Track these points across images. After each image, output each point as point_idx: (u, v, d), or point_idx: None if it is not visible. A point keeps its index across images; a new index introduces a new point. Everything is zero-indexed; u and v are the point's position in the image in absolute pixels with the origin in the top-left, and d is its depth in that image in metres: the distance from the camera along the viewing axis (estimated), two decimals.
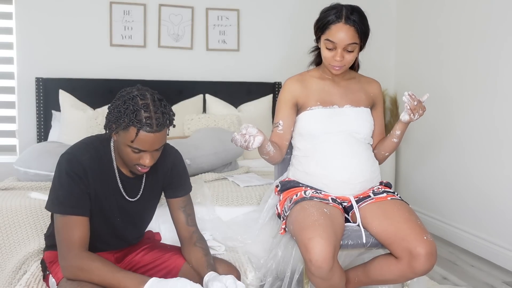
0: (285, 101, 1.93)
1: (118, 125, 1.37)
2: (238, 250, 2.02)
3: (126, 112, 1.35)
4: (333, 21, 1.76)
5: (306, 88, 1.93)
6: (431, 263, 1.60)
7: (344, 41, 1.76)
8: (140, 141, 1.36)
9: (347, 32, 1.75)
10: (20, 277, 1.86)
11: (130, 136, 1.36)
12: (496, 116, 2.89)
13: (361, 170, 1.83)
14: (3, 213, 2.03)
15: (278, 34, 3.87)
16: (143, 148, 1.37)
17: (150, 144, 1.37)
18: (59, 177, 1.44)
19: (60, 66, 3.48)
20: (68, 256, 1.39)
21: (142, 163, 1.42)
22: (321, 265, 1.53)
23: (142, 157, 1.41)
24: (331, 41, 1.77)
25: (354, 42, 1.77)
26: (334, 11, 1.77)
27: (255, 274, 1.86)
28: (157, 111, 1.36)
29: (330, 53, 1.80)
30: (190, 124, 3.35)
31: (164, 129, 1.38)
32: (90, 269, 1.36)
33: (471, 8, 3.10)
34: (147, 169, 1.45)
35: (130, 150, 1.39)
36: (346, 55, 1.79)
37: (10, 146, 3.53)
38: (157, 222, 2.05)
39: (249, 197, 2.27)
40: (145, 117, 1.34)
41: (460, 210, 3.22)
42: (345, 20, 1.75)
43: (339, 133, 1.85)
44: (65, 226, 1.41)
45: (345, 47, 1.77)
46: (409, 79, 3.87)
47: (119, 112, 1.36)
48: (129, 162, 1.44)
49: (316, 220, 1.62)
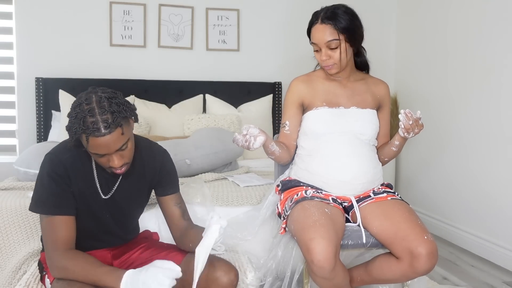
0: (291, 101, 1.95)
1: (72, 134, 1.35)
2: (238, 250, 2.02)
3: (75, 120, 1.32)
4: (312, 23, 1.85)
5: (312, 89, 1.94)
6: (432, 263, 1.60)
7: (322, 40, 1.81)
8: (94, 147, 1.33)
9: (323, 31, 1.80)
10: (20, 277, 1.86)
11: (84, 144, 1.35)
12: (497, 116, 2.88)
13: (363, 171, 1.83)
14: (3, 213, 2.03)
15: (278, 34, 3.88)
16: (100, 152, 1.34)
17: (106, 147, 1.33)
18: (41, 178, 1.45)
19: (60, 66, 3.48)
20: (53, 256, 1.40)
21: (111, 165, 1.39)
22: (323, 265, 1.53)
23: (109, 159, 1.38)
24: (314, 43, 1.85)
25: (334, 39, 1.79)
26: (316, 13, 1.85)
27: (255, 274, 1.86)
28: (104, 112, 1.31)
29: (318, 55, 1.86)
30: (190, 124, 3.35)
31: (116, 129, 1.33)
32: (73, 267, 1.37)
33: (471, 8, 3.10)
34: (123, 169, 1.42)
35: (95, 156, 1.38)
36: (331, 53, 1.82)
37: (10, 146, 3.53)
38: (156, 222, 2.05)
39: (249, 197, 2.27)
40: (91, 122, 1.30)
41: (460, 210, 3.22)
42: (321, 21, 1.81)
43: (344, 134, 1.85)
44: (49, 227, 1.42)
45: (327, 45, 1.81)
46: (409, 79, 3.87)
47: (70, 121, 1.34)
48: (101, 165, 1.43)
49: (317, 220, 1.62)
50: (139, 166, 1.57)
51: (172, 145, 2.61)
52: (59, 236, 1.41)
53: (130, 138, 1.40)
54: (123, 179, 1.56)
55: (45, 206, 1.43)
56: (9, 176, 2.77)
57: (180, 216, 1.62)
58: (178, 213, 1.62)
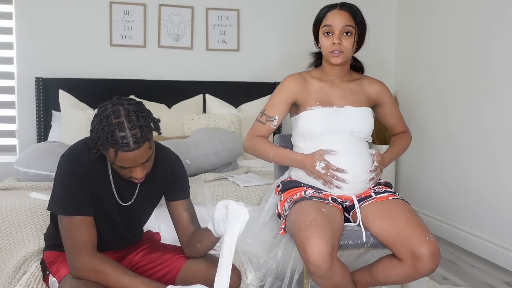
0: (284, 98, 1.93)
1: (98, 146, 1.35)
2: (238, 250, 2.02)
3: (102, 133, 1.32)
4: (328, 10, 1.87)
5: (306, 88, 1.93)
6: (435, 263, 1.59)
7: (340, 23, 1.82)
8: (122, 161, 1.34)
9: (343, 15, 1.83)
10: (20, 277, 1.86)
11: (111, 157, 1.35)
12: (497, 116, 2.88)
13: (362, 169, 1.83)
14: (3, 213, 2.03)
15: (278, 34, 3.88)
16: (126, 165, 1.36)
17: (133, 161, 1.35)
18: (61, 178, 1.43)
19: (60, 66, 3.48)
20: (78, 256, 1.38)
21: (134, 176, 1.41)
22: (319, 264, 1.53)
23: (131, 171, 1.39)
24: (328, 25, 1.84)
25: (350, 25, 1.83)
26: (330, 5, 1.89)
27: (255, 274, 1.86)
28: (133, 127, 1.31)
29: (328, 40, 1.84)
30: (190, 124, 3.35)
31: (144, 144, 1.34)
32: (105, 271, 1.36)
33: (471, 8, 3.10)
34: (142, 179, 1.44)
35: (118, 167, 1.39)
36: (343, 39, 1.83)
37: (10, 146, 3.52)
38: (157, 222, 2.05)
39: (249, 197, 2.27)
40: (120, 137, 1.30)
41: (460, 210, 3.22)
42: (340, 7, 1.86)
43: (340, 132, 1.85)
44: (71, 227, 1.41)
45: (342, 30, 1.82)
46: (409, 79, 3.87)
47: (97, 134, 1.34)
48: (122, 175, 1.43)
49: (313, 219, 1.62)
50: (152, 172, 1.55)
51: (172, 145, 2.60)
52: (83, 236, 1.40)
53: (153, 150, 1.42)
54: (141, 187, 1.57)
55: (67, 207, 1.41)
56: (9, 176, 2.76)
57: (189, 221, 1.60)
58: (187, 219, 1.60)
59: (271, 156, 1.91)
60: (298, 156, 1.85)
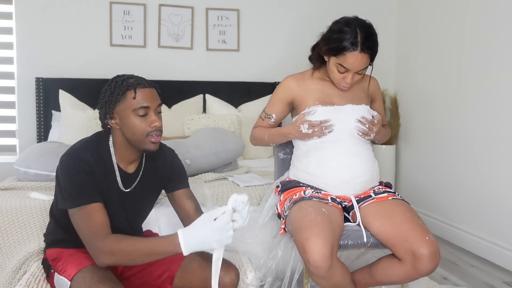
0: (281, 97, 1.97)
1: (115, 100, 1.45)
2: (238, 250, 2.02)
3: (116, 86, 1.46)
4: (348, 48, 1.73)
5: (305, 88, 1.93)
6: (435, 263, 1.59)
7: (358, 68, 1.77)
8: (143, 97, 1.46)
9: (362, 60, 1.75)
10: (20, 277, 1.86)
11: (131, 98, 1.45)
12: (497, 116, 2.88)
13: (362, 170, 1.83)
14: (3, 213, 2.03)
15: (278, 34, 3.87)
16: (146, 103, 1.46)
17: (151, 98, 1.47)
18: (67, 175, 1.45)
19: (60, 66, 3.48)
20: (95, 244, 1.39)
21: (153, 127, 1.46)
22: (319, 265, 1.53)
23: (150, 120, 1.46)
24: (345, 67, 1.78)
25: (366, 66, 1.80)
26: (349, 36, 1.73)
27: (255, 274, 1.86)
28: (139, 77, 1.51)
29: (341, 75, 1.81)
30: (190, 124, 3.35)
31: (153, 87, 1.50)
32: (120, 249, 1.36)
33: (471, 7, 3.10)
34: (160, 135, 1.49)
35: (137, 118, 1.46)
36: (356, 76, 1.81)
37: (10, 146, 3.53)
38: (157, 222, 2.05)
39: (249, 197, 2.26)
40: (133, 80, 1.48)
41: (460, 210, 3.22)
42: (361, 49, 1.73)
43: (341, 132, 1.85)
44: (84, 217, 1.42)
45: (357, 71, 1.79)
46: (409, 79, 3.87)
47: (110, 92, 1.46)
48: (140, 134, 1.47)
49: (313, 219, 1.62)
50: (151, 164, 1.62)
51: (172, 145, 2.59)
52: (97, 222, 1.41)
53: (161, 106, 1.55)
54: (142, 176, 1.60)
55: (79, 198, 1.43)
56: (9, 176, 2.76)
57: (194, 209, 1.62)
58: (192, 207, 1.62)
59: (266, 138, 1.98)
60: (286, 129, 1.91)
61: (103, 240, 1.38)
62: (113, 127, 1.51)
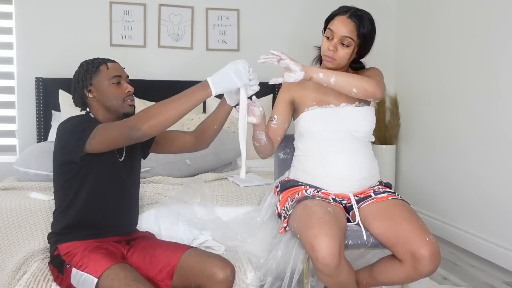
0: (282, 98, 2.00)
1: (90, 74, 1.65)
2: (238, 250, 2.02)
3: (87, 66, 1.68)
4: (338, 13, 1.85)
5: (303, 88, 1.96)
6: (435, 264, 1.59)
7: (341, 31, 1.81)
8: (114, 69, 1.68)
9: (347, 25, 1.81)
10: (20, 277, 1.85)
11: (106, 72, 1.66)
12: (497, 116, 2.89)
13: (359, 167, 1.83)
14: (3, 213, 2.03)
15: (278, 34, 3.87)
16: (118, 73, 1.68)
17: (120, 69, 1.71)
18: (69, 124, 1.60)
19: (60, 66, 3.48)
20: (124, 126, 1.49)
21: (127, 92, 1.67)
22: (328, 262, 1.53)
23: (124, 86, 1.68)
24: (330, 30, 1.84)
25: (350, 37, 1.81)
26: (345, 7, 1.86)
27: (255, 274, 1.85)
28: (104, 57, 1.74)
29: (327, 43, 1.85)
30: (190, 124, 3.35)
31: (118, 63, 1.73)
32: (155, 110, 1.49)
33: (471, 7, 3.10)
34: (133, 99, 1.70)
35: (112, 86, 1.66)
36: (340, 48, 1.83)
37: (10, 146, 3.53)
38: (157, 222, 2.05)
39: (249, 197, 2.27)
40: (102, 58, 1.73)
41: (460, 210, 3.22)
42: (349, 15, 1.82)
43: (338, 131, 1.86)
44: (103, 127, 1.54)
45: (341, 39, 1.81)
46: (409, 79, 3.87)
47: (84, 70, 1.67)
48: (117, 99, 1.66)
49: (321, 217, 1.62)
50: None
51: None
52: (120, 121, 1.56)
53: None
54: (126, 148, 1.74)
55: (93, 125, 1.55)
56: (9, 176, 2.76)
57: (180, 131, 1.84)
58: (176, 132, 1.84)
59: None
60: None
61: (136, 116, 1.49)
62: (92, 101, 1.67)
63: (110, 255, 1.56)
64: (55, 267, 1.65)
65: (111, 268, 1.49)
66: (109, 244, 1.65)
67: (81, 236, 1.63)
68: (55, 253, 1.65)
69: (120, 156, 1.71)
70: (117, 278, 1.45)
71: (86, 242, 1.62)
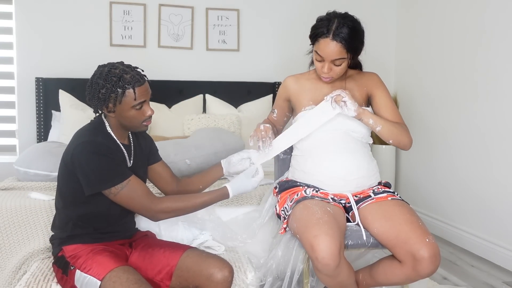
0: (280, 95, 2.05)
1: (115, 99, 1.54)
2: (238, 250, 2.02)
3: (113, 85, 1.54)
4: (322, 34, 1.75)
5: (301, 87, 1.97)
6: (435, 265, 1.59)
7: (330, 56, 1.76)
8: (141, 94, 1.57)
9: (334, 48, 1.74)
10: (20, 277, 1.86)
11: (131, 97, 1.55)
12: (496, 116, 2.89)
13: (357, 166, 1.83)
14: (3, 213, 2.03)
15: (278, 34, 3.87)
16: (144, 98, 1.58)
17: (147, 92, 1.60)
18: (93, 161, 1.51)
19: (60, 66, 3.48)
20: (154, 207, 1.56)
21: (147, 116, 1.61)
22: (327, 262, 1.53)
23: (144, 110, 1.60)
24: (319, 54, 1.79)
25: (341, 57, 1.77)
26: (325, 23, 1.76)
27: (255, 274, 1.86)
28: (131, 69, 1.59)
29: (319, 64, 1.83)
30: (190, 124, 3.35)
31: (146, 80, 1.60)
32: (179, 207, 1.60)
33: (471, 8, 3.10)
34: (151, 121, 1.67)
35: (134, 111, 1.58)
36: (334, 67, 1.80)
37: (10, 146, 3.53)
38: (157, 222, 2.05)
39: (249, 197, 2.27)
40: (130, 77, 1.55)
41: (460, 210, 3.22)
42: (333, 36, 1.73)
43: (335, 131, 1.86)
44: (132, 190, 1.55)
45: (332, 61, 1.78)
46: (409, 79, 3.87)
47: (107, 90, 1.54)
48: (136, 123, 1.61)
49: (320, 217, 1.62)
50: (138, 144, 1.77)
51: (172, 145, 2.61)
52: (146, 190, 1.58)
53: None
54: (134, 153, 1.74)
55: (120, 175, 1.54)
56: (9, 176, 2.76)
57: (171, 174, 1.85)
58: (169, 173, 1.85)
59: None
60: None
61: (161, 203, 1.57)
62: (109, 115, 1.62)
63: (114, 258, 1.56)
64: (60, 268, 1.63)
65: (114, 271, 1.49)
66: (115, 247, 1.65)
67: (87, 239, 1.62)
68: (59, 254, 1.64)
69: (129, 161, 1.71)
70: (119, 281, 1.46)
71: (92, 245, 1.61)
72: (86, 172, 1.52)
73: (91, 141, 1.54)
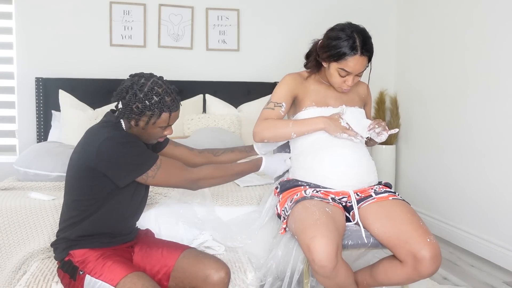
0: (286, 90, 1.94)
1: (149, 117, 1.54)
2: (238, 250, 2.02)
3: (152, 104, 1.52)
4: (349, 53, 1.78)
5: (305, 88, 1.97)
6: (436, 265, 1.59)
7: (359, 70, 1.83)
8: (173, 119, 1.60)
9: (363, 62, 1.82)
10: (20, 277, 1.86)
11: (164, 120, 1.57)
12: (496, 116, 2.88)
13: (357, 161, 1.84)
14: (3, 213, 2.03)
15: (278, 34, 3.87)
16: (172, 123, 1.61)
17: (176, 118, 1.62)
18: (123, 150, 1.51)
19: (60, 66, 3.48)
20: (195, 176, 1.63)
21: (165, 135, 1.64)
22: (324, 264, 1.53)
23: (167, 131, 1.63)
24: (346, 71, 1.83)
25: (365, 68, 1.86)
26: (348, 42, 1.78)
27: (255, 274, 1.86)
28: (172, 91, 1.58)
29: (342, 79, 1.86)
30: (190, 124, 3.35)
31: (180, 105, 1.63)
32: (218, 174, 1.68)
33: (471, 8, 3.10)
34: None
35: (159, 129, 1.59)
36: (356, 78, 1.87)
37: (10, 146, 3.53)
38: (157, 222, 2.05)
39: (249, 197, 2.27)
40: (169, 100, 1.56)
41: (460, 210, 3.22)
42: (361, 53, 1.79)
43: None
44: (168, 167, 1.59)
45: (358, 74, 1.86)
46: (409, 79, 3.87)
47: (144, 107, 1.52)
48: (153, 139, 1.64)
49: (318, 218, 1.62)
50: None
51: None
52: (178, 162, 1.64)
53: None
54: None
55: (152, 157, 1.57)
56: (9, 176, 2.76)
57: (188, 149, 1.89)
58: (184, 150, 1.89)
59: (291, 125, 1.87)
60: (320, 118, 1.86)
61: (200, 171, 1.65)
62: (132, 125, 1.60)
63: (125, 263, 1.55)
64: (67, 272, 1.58)
65: (128, 277, 1.47)
66: (122, 251, 1.64)
67: (96, 244, 1.59)
68: (65, 259, 1.60)
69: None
70: (135, 287, 1.44)
71: (101, 249, 1.59)
72: (119, 163, 1.51)
73: (115, 135, 1.53)
